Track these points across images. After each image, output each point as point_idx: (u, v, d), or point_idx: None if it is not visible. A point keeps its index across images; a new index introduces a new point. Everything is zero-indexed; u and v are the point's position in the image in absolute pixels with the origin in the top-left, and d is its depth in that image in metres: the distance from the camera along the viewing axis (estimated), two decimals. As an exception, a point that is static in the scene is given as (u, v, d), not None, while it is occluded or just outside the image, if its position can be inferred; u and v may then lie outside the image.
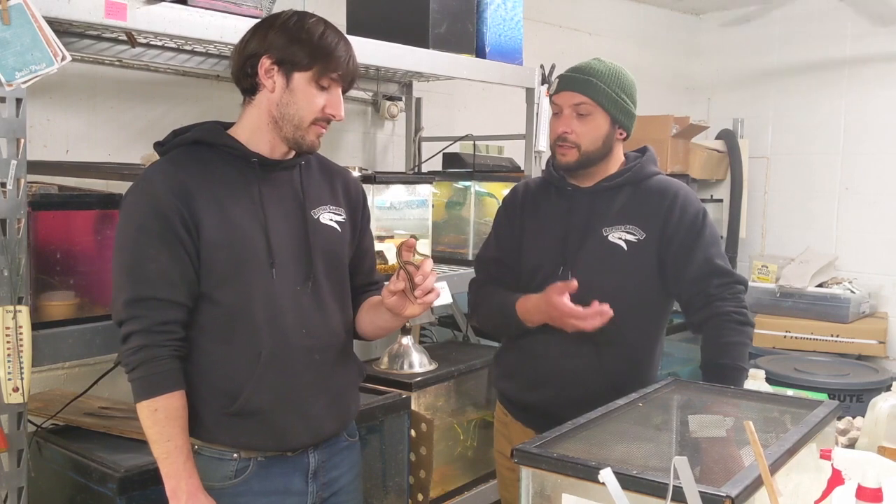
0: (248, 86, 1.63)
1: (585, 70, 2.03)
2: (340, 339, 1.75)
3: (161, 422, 1.54)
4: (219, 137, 1.64)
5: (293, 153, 1.69)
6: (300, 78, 1.59)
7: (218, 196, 1.59)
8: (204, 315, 1.60)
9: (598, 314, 1.86)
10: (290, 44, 1.58)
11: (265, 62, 1.59)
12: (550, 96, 2.11)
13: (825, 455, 1.40)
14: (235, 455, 1.62)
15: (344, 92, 1.67)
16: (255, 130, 1.65)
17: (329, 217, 1.74)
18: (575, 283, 1.90)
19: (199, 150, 1.64)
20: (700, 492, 1.08)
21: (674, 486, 1.09)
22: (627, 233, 2.01)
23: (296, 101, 1.60)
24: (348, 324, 1.78)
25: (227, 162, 1.63)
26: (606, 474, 1.05)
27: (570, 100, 2.03)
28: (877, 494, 1.22)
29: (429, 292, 1.59)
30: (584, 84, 2.01)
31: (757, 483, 1.19)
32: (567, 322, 1.89)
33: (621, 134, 2.07)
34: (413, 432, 2.51)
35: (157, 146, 1.69)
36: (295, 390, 1.63)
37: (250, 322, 1.60)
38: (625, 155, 2.13)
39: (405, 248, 1.60)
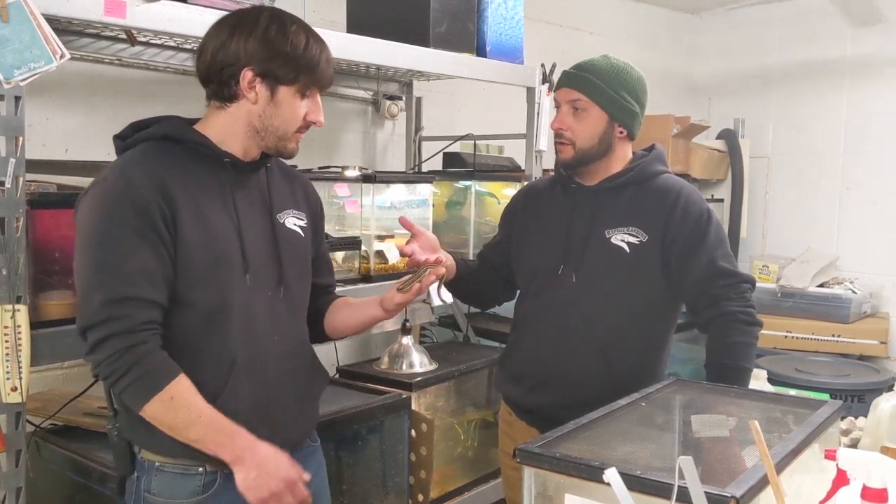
0: (225, 94, 1.58)
1: (585, 67, 2.03)
2: (308, 347, 1.74)
3: (181, 406, 1.46)
4: (190, 134, 1.59)
5: (260, 155, 1.64)
6: (286, 91, 1.56)
7: (194, 195, 1.54)
8: (176, 320, 1.52)
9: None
10: (273, 57, 1.53)
11: (247, 74, 1.53)
12: (553, 92, 2.12)
13: (830, 455, 1.39)
14: (201, 469, 1.55)
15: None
16: (227, 134, 1.59)
17: (293, 222, 1.71)
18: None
19: (166, 145, 1.57)
20: (705, 492, 1.07)
21: (678, 486, 1.08)
22: (630, 235, 2.00)
23: (281, 113, 1.57)
24: (307, 329, 1.77)
25: (197, 161, 1.57)
26: (611, 474, 1.04)
27: (566, 96, 2.04)
28: (882, 495, 1.22)
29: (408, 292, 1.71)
30: (580, 80, 2.02)
31: (762, 483, 1.18)
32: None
33: (622, 132, 2.05)
34: (413, 432, 2.50)
35: (118, 140, 1.61)
36: (268, 399, 1.60)
37: (225, 328, 1.54)
38: (633, 154, 2.12)
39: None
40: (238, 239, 1.58)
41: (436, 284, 1.79)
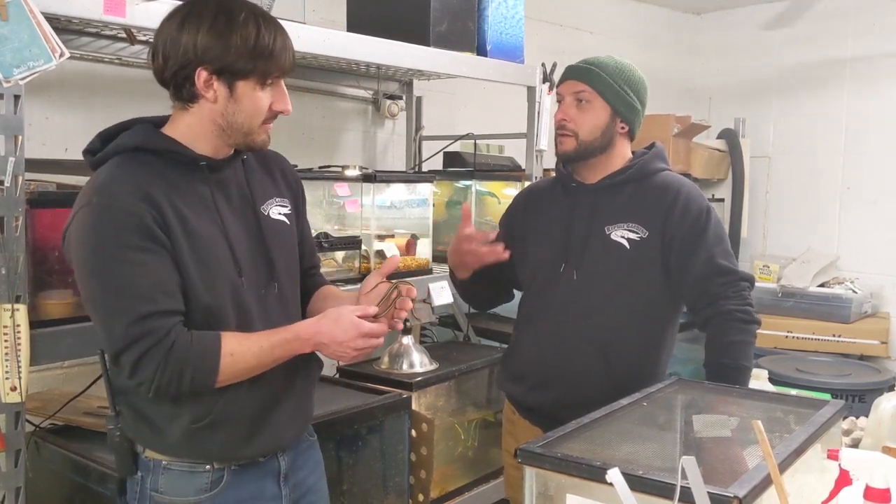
0: (185, 95, 1.51)
1: (590, 61, 2.05)
2: None
3: (244, 355, 1.49)
4: (161, 142, 1.53)
5: (233, 151, 1.61)
6: (244, 86, 1.50)
7: (177, 206, 1.49)
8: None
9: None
10: (225, 52, 1.46)
11: (202, 74, 1.48)
12: (556, 87, 2.12)
13: (832, 455, 1.38)
14: (208, 466, 1.57)
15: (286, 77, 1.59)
16: (195, 135, 1.55)
17: (278, 211, 1.68)
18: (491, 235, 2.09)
19: (140, 156, 1.51)
20: (708, 492, 1.06)
21: (681, 486, 1.08)
22: (630, 231, 2.00)
23: (243, 108, 1.52)
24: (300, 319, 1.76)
25: (173, 168, 1.53)
26: (614, 474, 1.03)
27: (571, 88, 2.05)
28: (885, 495, 1.21)
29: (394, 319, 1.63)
30: (586, 73, 2.03)
31: (764, 483, 1.18)
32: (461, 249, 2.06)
33: (623, 128, 2.06)
34: (413, 432, 2.49)
35: (88, 154, 1.56)
36: (269, 399, 1.59)
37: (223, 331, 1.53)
38: (633, 153, 2.13)
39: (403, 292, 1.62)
40: (226, 243, 1.55)
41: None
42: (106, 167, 1.51)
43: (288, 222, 1.70)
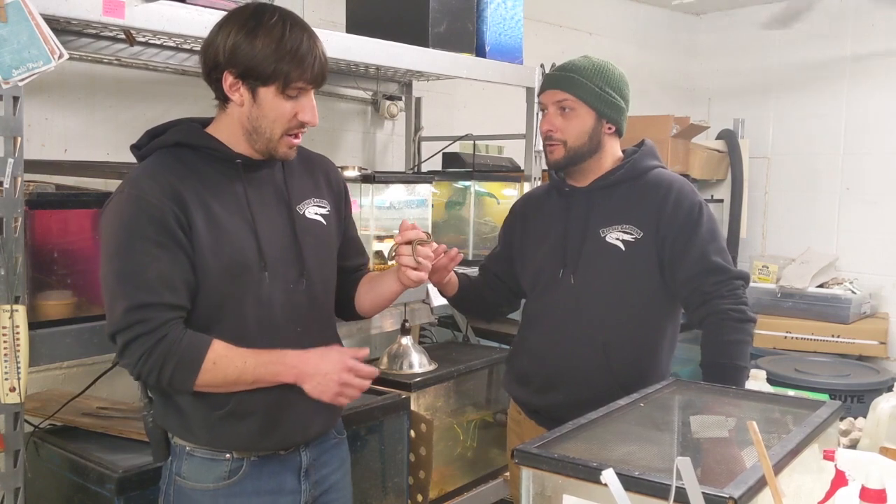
0: (220, 95, 1.59)
1: (567, 67, 2.05)
2: (333, 333, 1.77)
3: (226, 365, 1.52)
4: (201, 139, 1.61)
5: None
6: (266, 92, 1.54)
7: (205, 199, 1.56)
8: (196, 318, 1.56)
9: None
10: (249, 54, 1.51)
11: (228, 77, 1.54)
12: (537, 97, 2.13)
13: (828, 456, 1.38)
14: (228, 455, 1.61)
15: (316, 89, 1.62)
16: (232, 135, 1.61)
17: (314, 211, 1.72)
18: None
19: (179, 151, 1.60)
20: (703, 493, 1.06)
21: (676, 487, 1.08)
22: (624, 232, 2.00)
23: (265, 114, 1.56)
24: (334, 317, 1.81)
25: (209, 163, 1.60)
26: (609, 475, 1.04)
27: (552, 97, 2.05)
28: (880, 496, 1.21)
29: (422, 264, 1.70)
30: (565, 81, 2.03)
31: (760, 484, 1.18)
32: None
33: (610, 128, 2.06)
34: (412, 433, 2.50)
35: (134, 149, 1.64)
36: (289, 390, 1.61)
37: (242, 325, 1.58)
38: (623, 151, 2.13)
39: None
40: (254, 239, 1.59)
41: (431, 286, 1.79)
42: (146, 161, 1.59)
43: (324, 223, 1.74)
